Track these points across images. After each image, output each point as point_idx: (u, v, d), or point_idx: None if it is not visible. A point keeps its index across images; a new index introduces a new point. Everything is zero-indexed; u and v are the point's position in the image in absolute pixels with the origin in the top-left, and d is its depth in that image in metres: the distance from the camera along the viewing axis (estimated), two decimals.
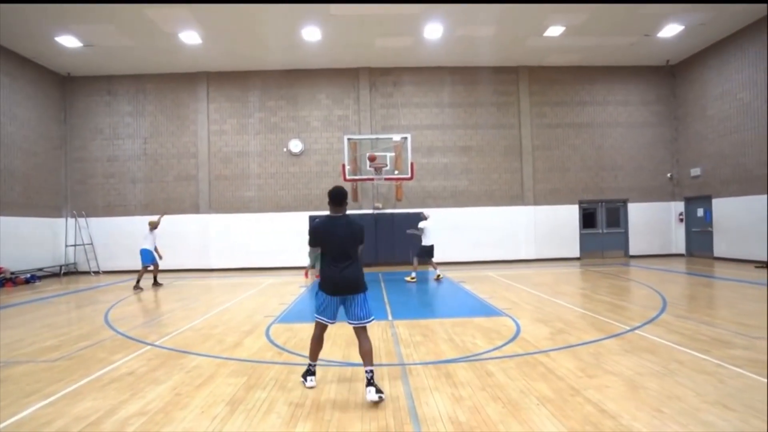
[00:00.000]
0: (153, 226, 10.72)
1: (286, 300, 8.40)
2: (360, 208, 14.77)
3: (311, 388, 3.78)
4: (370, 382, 3.46)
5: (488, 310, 7.00)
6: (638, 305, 7.15)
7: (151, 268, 10.68)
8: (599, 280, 10.21)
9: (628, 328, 5.54)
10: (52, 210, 14.33)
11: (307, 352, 3.99)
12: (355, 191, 13.97)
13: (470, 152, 15.15)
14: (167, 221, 12.10)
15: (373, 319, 3.74)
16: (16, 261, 12.40)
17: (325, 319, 3.74)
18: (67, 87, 14.90)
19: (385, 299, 8.32)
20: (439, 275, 10.94)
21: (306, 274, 12.01)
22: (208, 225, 14.78)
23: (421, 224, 10.65)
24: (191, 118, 14.99)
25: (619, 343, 4.90)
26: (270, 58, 13.98)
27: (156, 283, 10.89)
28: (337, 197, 3.74)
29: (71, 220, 14.67)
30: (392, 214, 14.85)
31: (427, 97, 15.17)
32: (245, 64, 14.44)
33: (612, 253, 15.41)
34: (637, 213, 15.29)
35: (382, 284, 10.48)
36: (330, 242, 3.67)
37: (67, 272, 14.40)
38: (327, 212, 3.85)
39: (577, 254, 15.14)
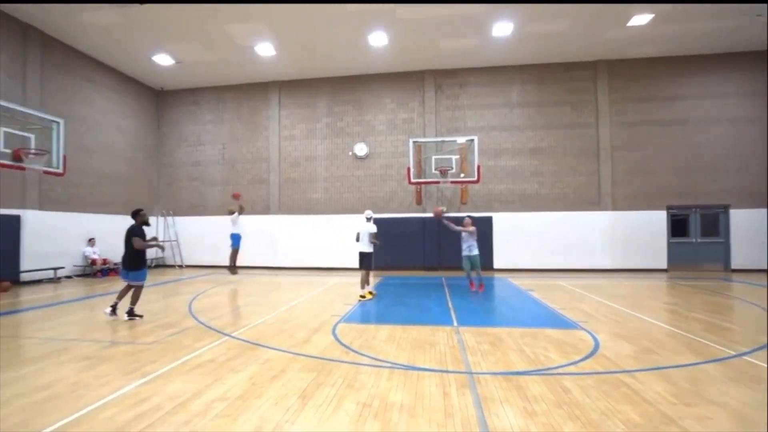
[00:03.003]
0: (239, 210, 11.57)
1: (350, 300, 8.60)
2: (423, 211, 14.72)
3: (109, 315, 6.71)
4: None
5: (561, 322, 6.60)
6: (745, 327, 6.27)
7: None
8: (693, 295, 9.14)
9: (733, 353, 4.88)
10: (146, 209, 16.06)
11: (371, 353, 4.82)
12: (419, 194, 13.94)
13: (541, 154, 14.44)
14: (240, 221, 12.87)
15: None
16: (118, 253, 13.99)
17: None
18: (160, 99, 16.71)
19: (450, 304, 8.18)
20: (364, 295, 8.81)
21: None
22: (278, 225, 15.65)
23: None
24: (264, 124, 16.02)
25: (723, 369, 4.34)
26: (337, 65, 14.50)
27: (233, 268, 11.58)
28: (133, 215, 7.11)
29: (161, 219, 16.37)
30: (456, 218, 14.57)
31: (495, 98, 14.74)
32: (314, 71, 15.12)
33: (708, 266, 13.73)
34: (742, 221, 13.44)
35: (446, 289, 10.33)
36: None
37: (157, 265, 16.08)
38: (390, 214, 4.37)
39: (663, 265, 13.71)
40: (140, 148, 15.83)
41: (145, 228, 7.10)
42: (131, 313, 6.72)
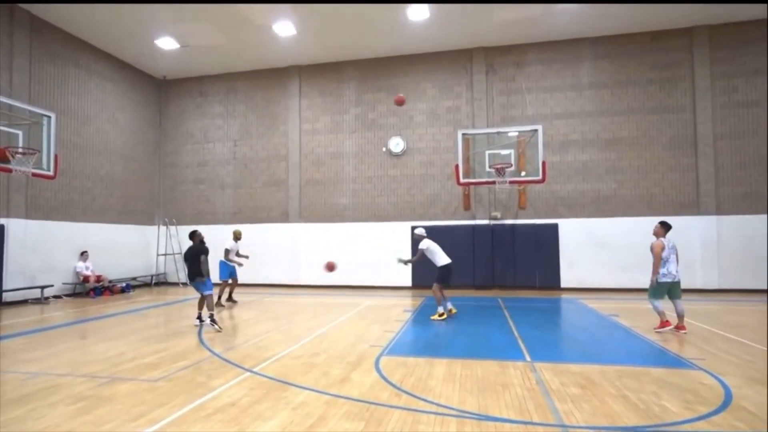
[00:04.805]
0: (236, 236, 11.37)
1: (391, 327, 8.28)
2: (473, 218, 14.28)
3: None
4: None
5: (667, 359, 6.06)
6: None
7: (230, 282, 11.36)
8: None
9: None
10: (146, 217, 16.40)
11: (430, 396, 4.62)
12: (467, 197, 13.54)
13: (619, 146, 13.79)
14: (255, 230, 12.87)
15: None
16: (113, 269, 14.39)
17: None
18: (162, 90, 17.07)
19: (515, 332, 7.76)
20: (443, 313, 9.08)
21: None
22: (298, 235, 15.55)
23: (421, 245, 9.40)
24: (282, 117, 16.05)
25: None
26: (368, 44, 14.38)
27: (230, 299, 11.46)
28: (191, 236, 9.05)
29: (162, 228, 16.59)
30: (513, 226, 14.10)
31: (560, 78, 14.23)
32: (340, 53, 15.06)
33: None
34: None
35: (506, 312, 9.90)
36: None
37: (158, 282, 16.28)
38: (431, 222, 4.53)
39: None
40: (139, 146, 16.16)
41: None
42: (213, 320, 8.22)
